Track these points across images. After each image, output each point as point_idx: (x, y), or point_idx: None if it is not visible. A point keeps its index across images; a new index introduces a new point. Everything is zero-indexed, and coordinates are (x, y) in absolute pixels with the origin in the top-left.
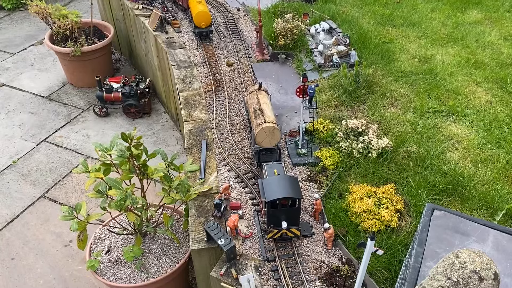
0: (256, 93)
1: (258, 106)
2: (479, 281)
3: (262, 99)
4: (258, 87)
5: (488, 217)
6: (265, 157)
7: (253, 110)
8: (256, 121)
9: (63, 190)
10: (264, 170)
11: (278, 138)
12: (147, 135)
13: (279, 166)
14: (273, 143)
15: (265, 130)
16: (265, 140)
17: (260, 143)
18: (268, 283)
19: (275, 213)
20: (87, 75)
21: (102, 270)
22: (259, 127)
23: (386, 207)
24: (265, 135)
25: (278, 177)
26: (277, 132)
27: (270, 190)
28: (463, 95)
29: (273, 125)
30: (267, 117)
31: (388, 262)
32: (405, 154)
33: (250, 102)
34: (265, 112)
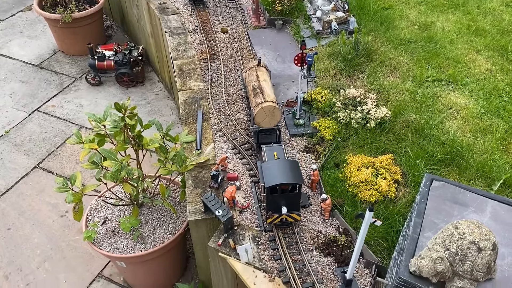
0: (255, 70)
1: (257, 84)
2: (478, 251)
3: (262, 76)
4: (257, 63)
5: (486, 187)
6: (264, 137)
7: (252, 88)
8: (255, 100)
9: (58, 160)
10: (263, 153)
11: (279, 118)
12: (141, 104)
13: (279, 149)
14: (273, 124)
15: (265, 110)
16: (265, 120)
17: (259, 123)
18: (265, 253)
19: (275, 198)
20: (78, 42)
21: (99, 240)
22: (258, 106)
23: (383, 177)
24: (265, 115)
25: (277, 161)
26: (277, 112)
27: (269, 175)
28: (463, 64)
29: (273, 105)
30: (266, 96)
31: (385, 232)
32: (403, 123)
33: (248, 79)
34: (265, 90)
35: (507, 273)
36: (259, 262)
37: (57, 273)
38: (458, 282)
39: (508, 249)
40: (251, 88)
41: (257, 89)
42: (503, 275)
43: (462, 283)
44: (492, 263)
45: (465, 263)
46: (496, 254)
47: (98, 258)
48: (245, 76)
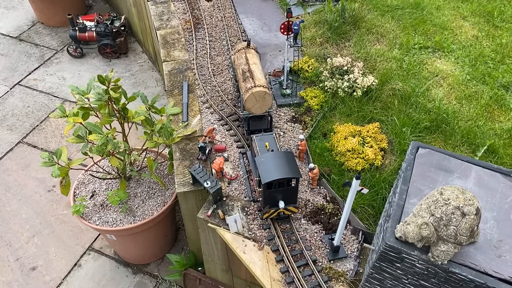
0: (245, 52)
1: (247, 67)
2: (462, 216)
3: (251, 59)
4: (247, 45)
5: (471, 153)
6: (255, 124)
7: (241, 72)
8: (245, 84)
9: (42, 135)
10: (255, 144)
11: (270, 104)
12: (125, 76)
13: (270, 138)
14: (264, 109)
15: (255, 95)
16: (255, 106)
17: (249, 109)
18: (254, 223)
19: (272, 193)
20: (58, 13)
21: (88, 214)
22: (248, 91)
23: (370, 145)
24: (255, 101)
25: (272, 154)
26: (268, 97)
27: (265, 169)
28: (450, 30)
29: (264, 90)
30: (257, 80)
31: (372, 200)
32: (390, 92)
33: (237, 62)
34: (255, 74)
35: (490, 236)
36: (248, 231)
37: (47, 247)
38: (443, 246)
39: (491, 213)
40: (240, 71)
41: (247, 73)
42: (485, 238)
43: (446, 247)
44: (476, 227)
45: (449, 228)
46: (479, 219)
47: (88, 231)
48: (233, 58)
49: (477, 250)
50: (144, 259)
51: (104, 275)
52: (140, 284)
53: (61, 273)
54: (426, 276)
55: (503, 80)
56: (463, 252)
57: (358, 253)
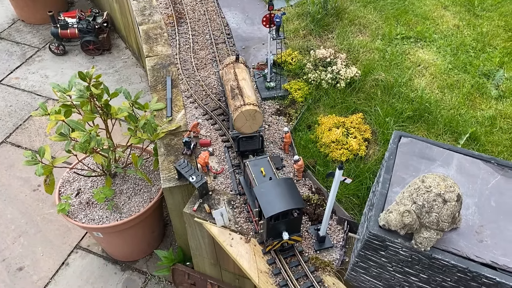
0: (233, 67)
1: (236, 84)
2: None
3: (240, 75)
4: (235, 59)
5: (453, 141)
6: (245, 144)
7: (229, 89)
8: (234, 102)
9: (26, 134)
10: (249, 170)
11: (261, 122)
12: (109, 73)
13: (265, 163)
14: (255, 128)
15: (245, 114)
16: (245, 125)
17: (239, 129)
18: (241, 216)
19: (275, 225)
20: (38, 10)
21: (74, 212)
22: (237, 110)
23: (354, 136)
24: (245, 120)
25: (271, 184)
26: (259, 116)
27: (266, 201)
28: (431, 20)
29: (254, 108)
30: (246, 97)
31: (356, 190)
32: (373, 82)
33: (226, 77)
34: (244, 91)
35: (471, 222)
36: (235, 224)
37: (33, 247)
38: (425, 233)
39: (472, 199)
40: (228, 88)
41: (236, 90)
42: (467, 224)
43: (429, 234)
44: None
45: (431, 215)
46: (461, 205)
47: (75, 230)
48: (222, 73)
49: (459, 235)
50: (132, 255)
51: (92, 273)
52: (129, 280)
53: (48, 273)
54: (410, 263)
55: (484, 68)
56: (446, 238)
57: (343, 242)
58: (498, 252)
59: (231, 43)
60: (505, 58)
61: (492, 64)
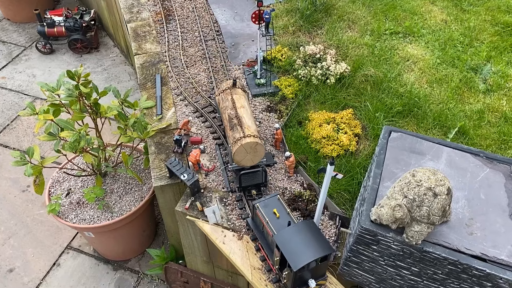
0: (230, 93)
1: (234, 112)
2: (434, 197)
3: (239, 102)
4: (232, 85)
5: (442, 135)
6: (247, 179)
7: (227, 118)
8: (232, 134)
9: (14, 134)
10: (260, 213)
11: (262, 154)
12: (97, 71)
13: (276, 202)
14: (256, 161)
15: (245, 147)
16: (246, 158)
17: (239, 162)
18: (233, 213)
19: (302, 275)
20: (24, 8)
21: (64, 212)
22: (237, 143)
23: (344, 132)
24: (246, 153)
25: (292, 230)
26: (260, 148)
27: (292, 251)
28: (419, 15)
29: (255, 140)
30: (246, 128)
31: (347, 185)
32: (362, 78)
33: (223, 105)
34: (244, 121)
35: (461, 215)
36: (227, 222)
37: (24, 248)
38: (416, 227)
39: (462, 192)
40: (226, 117)
41: (234, 120)
42: (457, 217)
43: (420, 228)
44: (447, 206)
45: (422, 209)
46: (451, 198)
47: (66, 230)
48: (218, 100)
49: (449, 229)
50: (124, 255)
51: (84, 273)
52: (121, 280)
53: (39, 274)
54: (402, 256)
55: (471, 62)
56: (436, 232)
57: (336, 237)
58: (488, 244)
59: (220, 40)
60: (492, 52)
61: (479, 58)
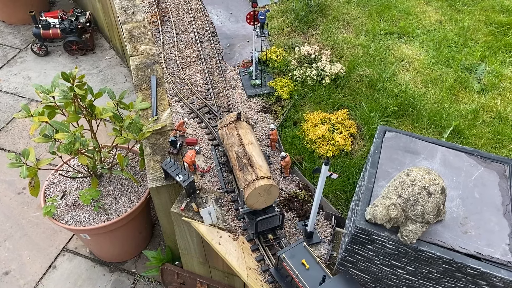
0: (236, 127)
1: (242, 151)
2: (428, 196)
3: (246, 137)
4: (237, 118)
5: (437, 135)
6: (264, 225)
7: (235, 157)
8: (243, 175)
9: (9, 136)
10: (287, 265)
11: (277, 195)
12: (93, 73)
13: (302, 250)
14: (269, 203)
15: (259, 190)
16: (259, 201)
17: (252, 206)
18: (228, 213)
19: None
20: (19, 10)
21: (60, 214)
22: (249, 187)
23: (340, 132)
24: (259, 196)
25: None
26: (274, 189)
27: None
28: (414, 15)
29: (269, 183)
30: (258, 169)
31: (343, 185)
32: (357, 78)
33: (228, 140)
34: (254, 160)
35: (456, 213)
36: (223, 222)
37: (19, 250)
38: (411, 226)
39: (457, 191)
40: (234, 155)
41: (243, 159)
42: (452, 216)
43: (415, 227)
44: (442, 205)
45: (416, 208)
46: (445, 197)
47: (62, 232)
48: (222, 134)
49: (444, 227)
50: (120, 256)
51: (80, 275)
52: (118, 282)
53: (35, 276)
54: (397, 256)
55: (466, 62)
56: (431, 231)
57: (331, 237)
58: (482, 243)
59: (215, 41)
60: (486, 52)
61: (474, 58)
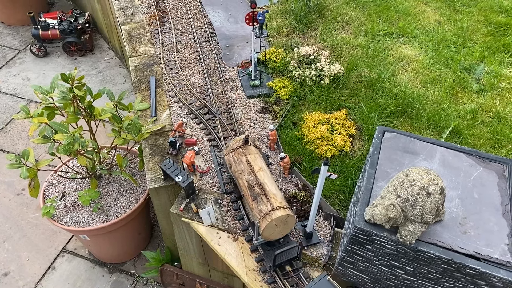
0: (244, 153)
1: (254, 178)
2: (427, 196)
3: (255, 163)
4: (244, 142)
5: (436, 135)
6: (282, 257)
7: (246, 185)
8: (257, 206)
9: (8, 137)
10: None
11: (293, 224)
12: (92, 74)
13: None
14: (285, 233)
15: (276, 222)
16: (275, 232)
17: (267, 238)
18: (228, 214)
19: None
20: (18, 11)
21: (59, 215)
22: (266, 219)
23: (339, 132)
24: (275, 227)
25: None
26: (291, 219)
27: None
28: (413, 16)
29: (286, 213)
30: (273, 198)
31: (342, 185)
32: (356, 79)
33: (237, 168)
34: (267, 188)
35: (455, 214)
36: (222, 223)
37: (18, 251)
38: (410, 226)
39: (456, 191)
40: (244, 184)
41: (256, 188)
42: (451, 216)
43: (414, 227)
44: (441, 206)
45: (415, 208)
46: (444, 197)
47: (61, 233)
48: (228, 160)
49: (443, 228)
50: (119, 257)
51: (79, 276)
52: (117, 283)
53: (34, 277)
54: (396, 256)
55: (465, 63)
56: (430, 231)
57: (330, 238)
58: (481, 243)
59: (214, 42)
60: (485, 53)
61: (472, 58)
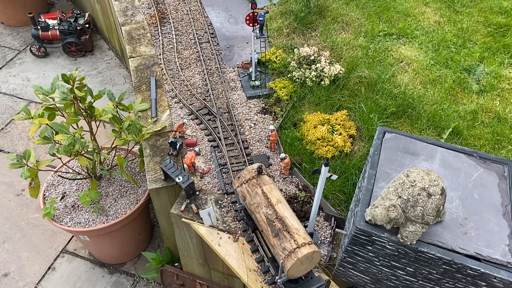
0: (258, 184)
1: (273, 212)
2: (428, 197)
3: (272, 196)
4: (257, 172)
5: (436, 136)
6: None
7: (265, 220)
8: (279, 243)
9: (8, 138)
10: None
11: (318, 259)
12: (92, 74)
13: None
14: (310, 269)
15: (302, 260)
16: (300, 269)
17: (293, 276)
18: (228, 215)
19: None
20: (18, 12)
21: (59, 216)
22: (291, 257)
23: (339, 133)
24: (301, 265)
25: None
26: (317, 255)
27: None
28: (413, 17)
29: (312, 250)
30: (295, 233)
31: (342, 186)
32: (357, 79)
33: (252, 201)
34: (289, 223)
35: (455, 214)
36: (222, 224)
37: (18, 252)
38: (411, 227)
39: (456, 192)
40: (263, 218)
41: (276, 223)
42: (451, 217)
43: (414, 228)
44: (441, 206)
45: (416, 209)
46: (445, 198)
47: (61, 234)
48: (242, 192)
49: (444, 228)
50: (120, 258)
51: (79, 277)
52: (117, 283)
53: (34, 278)
54: (397, 256)
55: (465, 63)
56: (431, 232)
57: (331, 238)
58: (482, 244)
59: (215, 43)
60: (485, 53)
61: (472, 59)
